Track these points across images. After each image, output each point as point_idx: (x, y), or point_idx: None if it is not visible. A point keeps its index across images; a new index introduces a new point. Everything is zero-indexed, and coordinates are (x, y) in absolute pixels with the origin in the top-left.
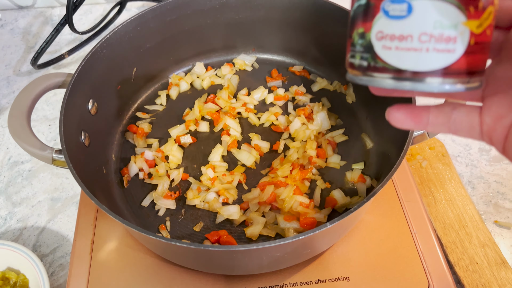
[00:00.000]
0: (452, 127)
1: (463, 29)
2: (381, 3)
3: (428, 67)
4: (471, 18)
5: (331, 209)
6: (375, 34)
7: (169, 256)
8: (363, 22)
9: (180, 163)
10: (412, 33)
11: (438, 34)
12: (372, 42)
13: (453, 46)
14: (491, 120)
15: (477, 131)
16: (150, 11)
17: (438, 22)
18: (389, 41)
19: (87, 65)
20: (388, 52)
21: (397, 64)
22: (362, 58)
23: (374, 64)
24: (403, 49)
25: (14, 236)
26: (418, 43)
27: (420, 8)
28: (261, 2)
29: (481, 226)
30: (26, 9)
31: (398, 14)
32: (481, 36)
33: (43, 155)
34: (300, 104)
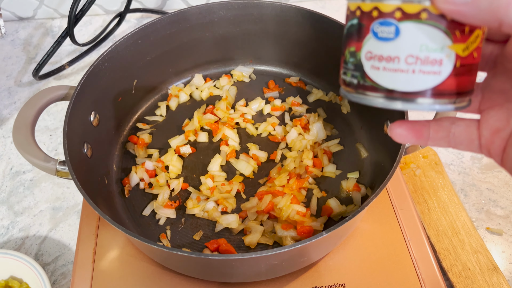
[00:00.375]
0: (452, 141)
1: (448, 52)
2: (371, 25)
3: (415, 88)
4: (457, 42)
5: (327, 217)
6: (365, 54)
7: (170, 264)
8: (354, 42)
9: (180, 173)
10: (399, 55)
11: (424, 57)
12: (362, 61)
13: (438, 69)
14: (489, 133)
15: (476, 145)
16: (151, 25)
17: (424, 45)
18: (377, 62)
19: (89, 78)
20: (377, 72)
21: (385, 84)
22: (353, 76)
23: (363, 83)
24: (391, 69)
25: (17, 245)
26: (405, 65)
27: (407, 32)
28: (258, 15)
29: (473, 233)
30: (26, 20)
31: (386, 36)
32: (467, 58)
33: (47, 166)
34: (296, 114)
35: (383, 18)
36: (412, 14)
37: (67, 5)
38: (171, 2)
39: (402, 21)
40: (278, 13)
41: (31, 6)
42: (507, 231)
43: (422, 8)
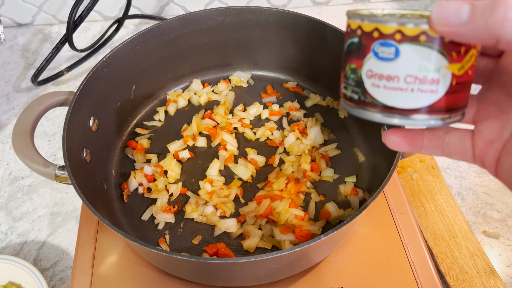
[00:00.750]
0: (445, 150)
1: (445, 72)
2: (372, 45)
3: (413, 105)
4: (453, 62)
5: (325, 221)
6: (366, 72)
7: (169, 268)
8: (355, 59)
9: (178, 178)
10: (399, 75)
11: (422, 77)
12: (362, 79)
13: (436, 87)
14: (483, 144)
15: (470, 155)
16: (149, 30)
17: (423, 66)
18: (377, 80)
19: (88, 83)
20: (377, 90)
21: (385, 101)
22: (354, 91)
23: (364, 99)
24: (390, 88)
25: (15, 250)
26: (404, 84)
27: (406, 53)
28: (256, 21)
29: (470, 236)
30: (25, 26)
31: (386, 57)
32: (463, 76)
33: (46, 171)
34: (294, 119)
35: (383, 39)
36: (412, 37)
37: (65, 12)
38: (169, 8)
39: (401, 42)
40: (275, 19)
41: (29, 13)
42: (503, 235)
43: (421, 31)
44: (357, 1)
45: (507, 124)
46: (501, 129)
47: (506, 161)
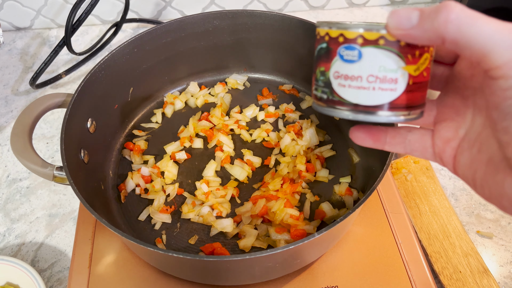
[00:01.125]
0: (407, 148)
1: (403, 72)
2: (338, 49)
3: (375, 102)
4: (409, 64)
5: (320, 221)
6: (333, 73)
7: (166, 268)
8: (324, 62)
9: (175, 179)
10: (362, 75)
11: (382, 76)
12: (330, 80)
13: (395, 86)
14: (441, 143)
15: (430, 152)
16: (146, 34)
17: (383, 66)
18: (343, 80)
19: (86, 85)
20: (343, 89)
21: (350, 99)
22: (323, 92)
23: (332, 98)
24: (355, 87)
25: (13, 252)
26: (367, 83)
27: (368, 55)
28: (252, 25)
29: (464, 236)
30: (23, 30)
31: (350, 59)
32: (419, 77)
33: (44, 172)
34: (290, 121)
35: (347, 44)
36: (372, 40)
37: (64, 16)
38: (166, 12)
39: (363, 46)
40: (271, 22)
41: (28, 16)
42: (497, 235)
43: (380, 36)
44: (352, 5)
45: (461, 124)
46: (456, 129)
47: (461, 158)
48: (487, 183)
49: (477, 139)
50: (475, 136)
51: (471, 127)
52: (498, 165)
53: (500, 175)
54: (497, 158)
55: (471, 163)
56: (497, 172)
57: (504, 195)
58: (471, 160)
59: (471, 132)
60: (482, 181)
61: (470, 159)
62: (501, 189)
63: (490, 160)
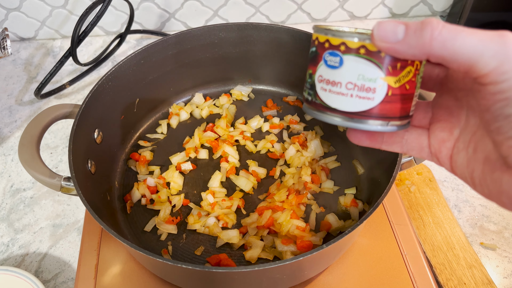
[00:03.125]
0: (404, 147)
1: (381, 83)
2: (323, 54)
3: (351, 109)
4: (389, 75)
5: (326, 232)
6: (317, 76)
7: (172, 278)
8: (312, 65)
9: (181, 189)
10: (341, 81)
11: (360, 84)
12: (315, 83)
13: (372, 95)
14: (437, 143)
15: (427, 152)
16: (153, 45)
17: (361, 75)
18: (325, 84)
19: (93, 96)
20: (324, 93)
21: (329, 103)
22: (309, 94)
23: (315, 100)
24: (334, 92)
25: (16, 262)
26: (345, 89)
27: (348, 62)
28: (256, 37)
29: (468, 248)
30: (28, 40)
31: (333, 64)
32: (399, 89)
33: (52, 182)
34: (294, 132)
35: (331, 50)
36: (353, 49)
37: (68, 27)
38: (170, 24)
39: (345, 53)
40: (276, 35)
41: (32, 27)
42: (500, 246)
43: (361, 45)
44: (354, 18)
45: (456, 125)
46: (451, 129)
47: (458, 158)
48: (485, 182)
49: (472, 139)
50: (470, 136)
51: (465, 127)
52: (495, 164)
53: (497, 173)
54: (493, 156)
55: (468, 162)
56: (494, 170)
57: (502, 192)
58: (467, 159)
59: (465, 132)
60: (480, 180)
61: (466, 158)
62: (500, 187)
63: (486, 159)
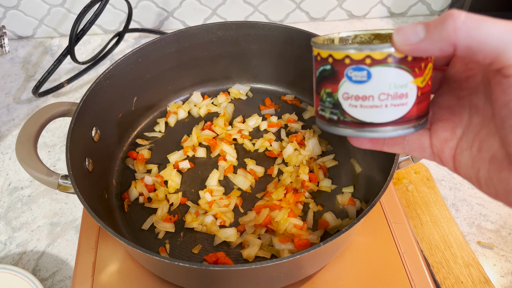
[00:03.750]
0: (406, 148)
1: (412, 86)
2: (345, 70)
3: (389, 118)
4: (417, 77)
5: (324, 230)
6: (342, 94)
7: (170, 277)
8: (330, 84)
9: (178, 188)
10: (373, 94)
11: (393, 93)
12: (340, 101)
13: (406, 100)
14: (439, 143)
15: (429, 152)
16: (151, 44)
17: (393, 83)
18: (354, 101)
19: (91, 94)
20: (355, 109)
21: (364, 119)
22: (332, 113)
23: (343, 119)
24: (367, 106)
25: (14, 260)
26: (378, 101)
27: (377, 74)
28: (255, 36)
29: (465, 246)
30: (26, 39)
31: (360, 80)
32: (425, 87)
33: (49, 180)
34: (292, 131)
35: (355, 65)
36: (380, 60)
37: (66, 25)
38: (168, 23)
39: (372, 66)
40: (274, 33)
41: (30, 26)
42: (497, 245)
43: (387, 54)
44: (352, 17)
45: (458, 124)
46: (453, 129)
47: (461, 157)
48: (492, 182)
49: (475, 138)
50: (473, 136)
51: (468, 127)
52: (502, 163)
53: (505, 173)
54: (500, 156)
55: (472, 162)
56: (502, 170)
57: (510, 191)
58: (472, 159)
59: (468, 131)
60: (486, 180)
61: (471, 158)
62: (507, 186)
63: (492, 158)
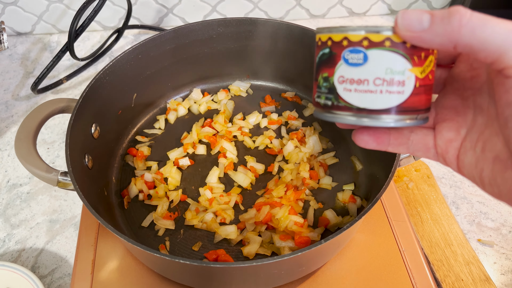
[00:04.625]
0: (410, 148)
1: (409, 74)
2: (342, 52)
3: (383, 106)
4: (416, 66)
5: (324, 228)
6: (337, 78)
7: (170, 274)
8: (327, 68)
9: (178, 185)
10: (368, 78)
11: (389, 79)
12: (335, 85)
13: (402, 89)
14: (443, 143)
15: (433, 153)
16: (151, 40)
17: (389, 69)
18: (349, 84)
19: (91, 90)
20: (349, 94)
21: (357, 104)
22: (327, 98)
23: (337, 104)
24: (361, 91)
25: (13, 257)
26: (373, 86)
27: (373, 57)
28: (255, 33)
29: (465, 244)
30: (24, 35)
31: (356, 62)
32: (424, 80)
33: (49, 177)
34: (292, 128)
35: (352, 47)
36: (378, 43)
37: (65, 21)
38: (168, 19)
39: (369, 48)
40: (274, 30)
41: (29, 22)
42: (498, 243)
43: (385, 37)
44: (352, 14)
45: (463, 124)
46: (458, 129)
47: (465, 157)
48: (495, 182)
49: (479, 138)
50: (477, 136)
51: (472, 126)
52: (506, 163)
53: (509, 172)
54: (504, 156)
55: (476, 162)
56: (505, 170)
57: None
58: (476, 159)
59: (472, 131)
60: (490, 180)
61: (474, 158)
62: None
63: (496, 158)
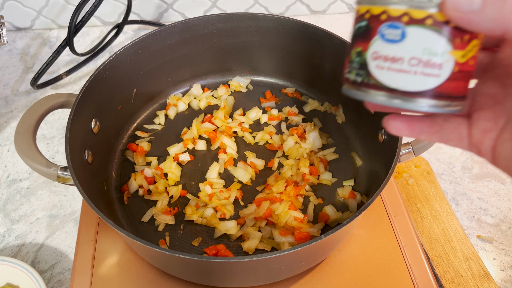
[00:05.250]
0: (443, 137)
1: (448, 57)
2: (379, 27)
3: (415, 88)
4: (457, 49)
5: (324, 224)
6: (371, 54)
7: (169, 269)
8: (361, 42)
9: (178, 180)
10: (404, 56)
11: (426, 60)
12: (367, 61)
13: (438, 72)
14: (479, 133)
15: (466, 142)
16: (151, 35)
17: (427, 49)
18: (382, 61)
19: (91, 85)
20: (381, 71)
21: (387, 83)
22: (357, 74)
23: (367, 81)
24: (394, 70)
25: (13, 252)
26: (408, 66)
27: (412, 35)
28: (255, 28)
29: (465, 240)
30: (24, 30)
31: (392, 38)
32: (464, 65)
33: (48, 172)
34: (293, 124)
35: (391, 21)
36: (418, 19)
37: (64, 16)
38: (168, 15)
39: (408, 25)
40: (274, 25)
41: (29, 17)
42: (497, 239)
43: (427, 15)
44: (353, 10)
45: (502, 114)
46: (496, 118)
47: (502, 149)
48: None
49: None
50: None
51: None
52: None
53: None
54: None
55: None
56: None
57: None
58: None
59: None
60: None
61: None
62: None
63: None
